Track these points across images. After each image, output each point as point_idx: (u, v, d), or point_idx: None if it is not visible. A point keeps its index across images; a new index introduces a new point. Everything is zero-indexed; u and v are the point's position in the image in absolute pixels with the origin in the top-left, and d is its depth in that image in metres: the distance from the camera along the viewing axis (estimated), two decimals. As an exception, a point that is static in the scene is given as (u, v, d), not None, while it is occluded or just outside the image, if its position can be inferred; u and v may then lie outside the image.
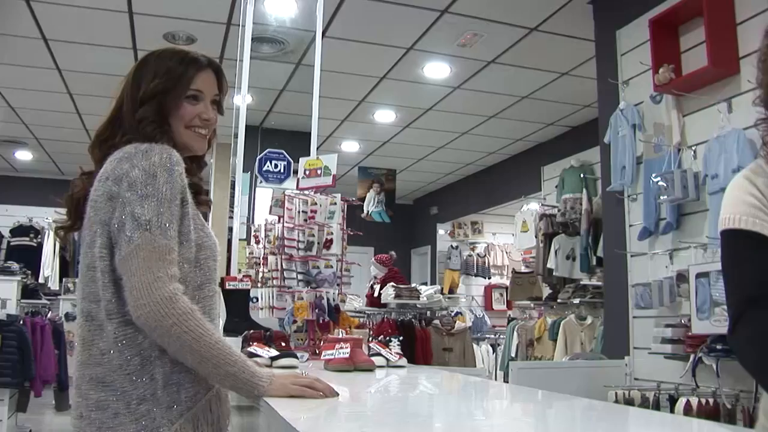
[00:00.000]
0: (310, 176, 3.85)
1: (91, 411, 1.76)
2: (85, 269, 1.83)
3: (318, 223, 3.66)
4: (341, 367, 2.82)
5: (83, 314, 1.83)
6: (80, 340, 1.83)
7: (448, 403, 2.42)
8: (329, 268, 3.57)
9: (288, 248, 3.62)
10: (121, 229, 1.75)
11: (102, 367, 1.77)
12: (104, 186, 1.81)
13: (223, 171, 10.04)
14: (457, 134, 9.58)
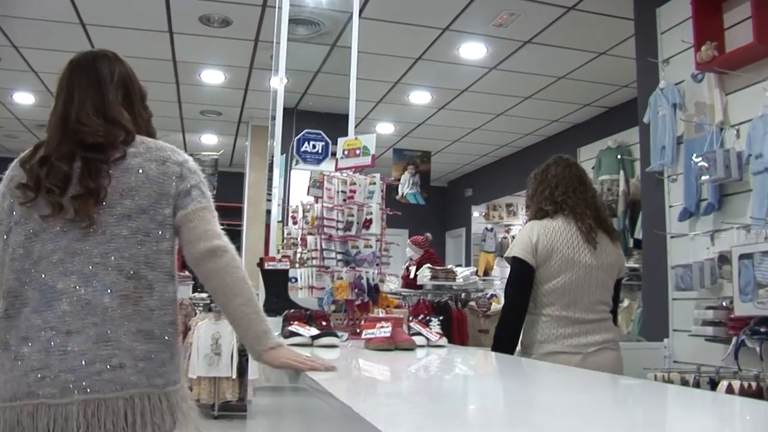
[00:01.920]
0: (349, 156, 3.85)
1: (138, 361, 1.92)
2: (129, 234, 2.00)
3: (357, 202, 3.65)
4: (382, 346, 2.82)
5: (123, 273, 1.96)
6: (118, 299, 1.94)
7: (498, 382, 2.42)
8: (369, 248, 3.57)
9: (327, 228, 3.63)
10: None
11: (151, 320, 1.97)
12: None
13: (258, 153, 10.11)
14: (492, 115, 9.53)
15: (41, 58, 8.12)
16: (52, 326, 1.89)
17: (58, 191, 1.99)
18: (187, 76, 8.47)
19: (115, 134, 2.09)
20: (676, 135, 4.72)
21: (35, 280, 1.95)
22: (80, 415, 1.82)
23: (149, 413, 1.90)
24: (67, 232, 1.98)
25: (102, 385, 1.85)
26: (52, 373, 1.85)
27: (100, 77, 2.20)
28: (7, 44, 7.63)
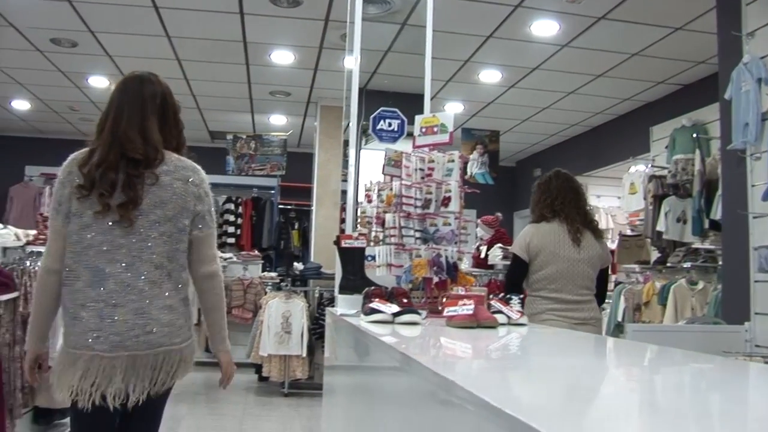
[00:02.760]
0: (427, 134, 3.83)
1: (163, 327, 2.68)
2: (159, 234, 2.70)
3: (435, 180, 3.64)
4: (465, 323, 2.81)
5: (156, 265, 2.70)
6: (149, 285, 2.68)
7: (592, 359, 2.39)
8: (447, 226, 3.56)
9: (405, 206, 3.62)
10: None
11: (173, 298, 2.74)
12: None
13: (327, 134, 10.15)
14: (563, 94, 9.39)
15: (116, 42, 8.27)
16: (103, 299, 2.62)
17: (107, 194, 2.64)
18: (257, 57, 8.53)
19: (150, 154, 2.72)
20: (760, 111, 4.58)
21: (86, 262, 2.65)
22: (123, 364, 2.59)
23: (167, 363, 2.69)
24: (113, 229, 2.65)
25: (139, 345, 2.62)
26: (104, 334, 2.60)
27: (144, 99, 2.80)
28: (83, 29, 7.78)
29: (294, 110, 11.07)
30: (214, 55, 8.53)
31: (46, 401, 5.19)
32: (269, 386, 8.42)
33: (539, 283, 4.18)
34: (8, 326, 4.79)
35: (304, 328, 7.75)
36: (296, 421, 6.86)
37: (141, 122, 2.74)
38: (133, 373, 2.60)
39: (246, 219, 12.40)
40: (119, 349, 2.59)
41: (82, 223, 2.66)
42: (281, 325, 7.71)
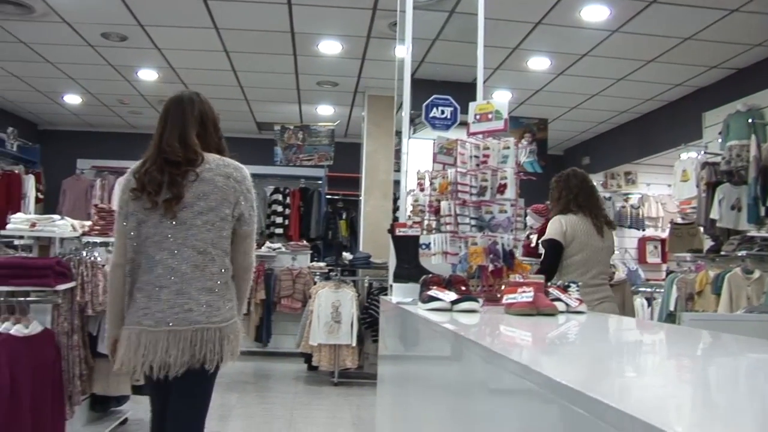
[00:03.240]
0: (481, 121, 3.80)
1: (201, 306, 3.04)
2: (202, 224, 3.10)
3: (491, 167, 3.61)
4: (524, 311, 2.78)
5: (197, 251, 3.09)
6: (191, 269, 3.08)
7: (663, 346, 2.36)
8: (503, 213, 3.52)
9: (461, 193, 3.60)
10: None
11: (214, 281, 3.11)
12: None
13: (375, 123, 10.14)
14: (612, 80, 9.26)
15: (165, 35, 8.35)
16: (152, 283, 3.07)
17: (154, 193, 3.11)
18: (304, 47, 8.54)
19: (189, 156, 3.14)
20: (821, 94, 4.46)
21: (143, 252, 3.13)
22: (165, 338, 2.98)
23: (206, 340, 3.01)
24: (162, 222, 3.10)
25: (179, 322, 3.01)
26: (150, 312, 3.04)
27: (184, 114, 3.25)
28: (133, 23, 7.87)
29: (341, 100, 11.07)
30: (262, 46, 8.56)
31: (102, 389, 5.28)
32: (319, 376, 8.47)
33: (569, 268, 4.65)
34: (66, 315, 4.87)
35: (353, 318, 7.78)
36: (346, 410, 6.89)
37: (180, 132, 3.20)
38: (174, 346, 2.98)
39: (294, 209, 12.47)
40: (162, 324, 3.01)
41: (138, 219, 3.15)
42: (331, 314, 7.74)
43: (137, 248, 3.15)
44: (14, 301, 4.73)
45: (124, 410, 5.96)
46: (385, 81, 9.61)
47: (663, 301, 7.92)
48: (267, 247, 9.72)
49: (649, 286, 9.18)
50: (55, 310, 4.87)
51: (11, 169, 11.79)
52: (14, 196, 11.66)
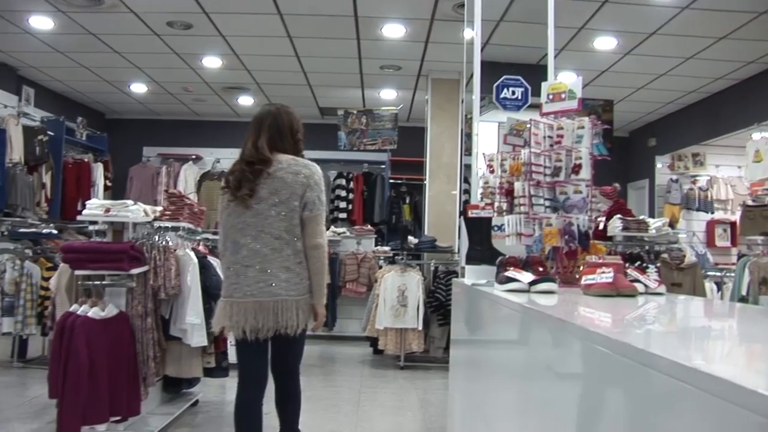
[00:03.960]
0: (554, 100, 3.74)
1: (281, 282, 3.70)
2: (276, 213, 3.73)
3: (565, 147, 3.55)
4: (604, 291, 2.73)
5: (274, 236, 3.72)
6: (270, 251, 3.72)
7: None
8: (578, 194, 3.47)
9: (535, 174, 3.55)
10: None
11: (290, 261, 3.74)
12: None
13: (439, 107, 10.10)
14: (681, 59, 9.04)
15: (229, 22, 8.42)
16: (239, 263, 3.75)
17: (234, 189, 3.79)
18: (368, 31, 8.53)
19: (262, 158, 3.78)
20: None
21: (230, 238, 3.82)
22: (252, 308, 3.67)
23: (285, 309, 3.69)
24: (243, 213, 3.77)
25: (263, 294, 3.68)
26: (240, 287, 3.73)
27: (260, 124, 3.91)
28: (198, 11, 7.95)
29: (404, 84, 11.03)
30: (325, 31, 8.58)
31: (174, 371, 5.35)
32: (384, 359, 8.49)
33: None
34: (140, 298, 4.96)
35: (419, 302, 7.76)
36: (413, 393, 6.89)
37: (254, 140, 3.86)
38: (261, 314, 3.66)
39: (357, 194, 12.50)
40: (249, 297, 3.69)
41: (227, 212, 3.85)
42: (397, 298, 7.74)
43: (226, 234, 3.86)
44: (90, 284, 4.84)
45: (195, 392, 6.05)
46: (449, 64, 9.57)
47: (734, 286, 7.72)
48: (331, 231, 9.75)
49: (719, 270, 8.97)
50: (129, 294, 4.96)
51: (81, 158, 12.06)
52: (84, 184, 11.92)
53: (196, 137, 13.73)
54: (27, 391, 6.49)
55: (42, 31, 8.94)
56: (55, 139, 11.09)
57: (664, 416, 1.31)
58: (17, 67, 10.77)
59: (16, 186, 9.97)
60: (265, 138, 3.84)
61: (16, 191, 9.98)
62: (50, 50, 9.76)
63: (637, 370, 1.40)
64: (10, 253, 7.59)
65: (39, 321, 7.20)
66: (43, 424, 5.33)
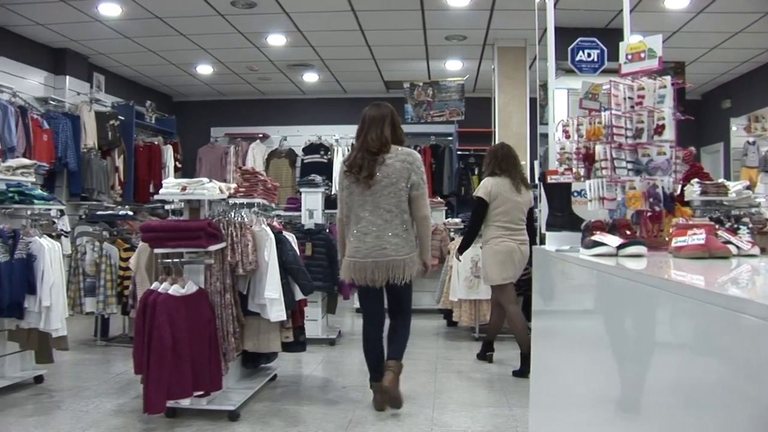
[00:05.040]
0: (633, 60, 3.63)
1: (392, 246, 4.85)
2: (388, 193, 4.86)
3: (647, 108, 3.44)
4: (695, 254, 2.64)
5: (386, 210, 4.86)
6: (383, 222, 4.87)
7: None
8: (662, 155, 3.36)
9: (616, 137, 3.45)
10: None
11: (398, 229, 4.87)
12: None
13: (506, 75, 9.97)
14: (758, 15, 8.69)
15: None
16: (360, 231, 4.92)
17: (357, 172, 4.92)
18: (432, 1, 8.42)
19: (381, 148, 4.93)
20: None
21: (353, 212, 4.99)
22: (370, 266, 4.87)
23: (395, 266, 4.87)
24: (363, 192, 4.91)
25: (378, 256, 4.86)
26: (360, 250, 4.92)
27: (382, 116, 5.04)
28: (262, -12, 7.98)
29: (470, 54, 10.89)
30: (390, 3, 8.50)
31: (253, 346, 5.41)
32: (458, 331, 8.47)
33: (495, 217, 6.29)
34: (218, 275, 5.02)
35: (494, 272, 7.69)
36: (488, 364, 6.85)
37: (377, 131, 4.97)
38: (376, 271, 4.90)
39: (426, 166, 12.45)
40: (368, 258, 4.91)
41: (349, 191, 5.02)
42: (471, 269, 7.69)
43: (348, 209, 5.04)
44: (170, 262, 4.91)
45: (273, 367, 6.11)
46: (515, 32, 9.42)
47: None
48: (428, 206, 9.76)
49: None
50: (207, 270, 5.03)
51: (151, 141, 12.29)
52: (155, 166, 12.16)
53: (263, 116, 13.84)
54: (111, 368, 6.66)
55: (110, 18, 9.09)
56: (125, 123, 11.34)
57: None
58: (88, 54, 10.99)
59: (91, 171, 10.20)
60: (382, 132, 4.95)
61: (92, 176, 10.22)
62: (119, 36, 9.92)
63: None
64: (89, 235, 7.77)
65: (119, 300, 7.36)
66: (129, 399, 5.46)
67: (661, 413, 1.92)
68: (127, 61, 11.48)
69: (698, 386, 1.68)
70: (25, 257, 5.41)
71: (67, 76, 10.59)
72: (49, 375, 6.05)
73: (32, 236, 5.54)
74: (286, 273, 5.37)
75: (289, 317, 5.42)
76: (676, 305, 1.85)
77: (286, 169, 12.96)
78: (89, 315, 7.57)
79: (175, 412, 4.90)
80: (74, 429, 4.73)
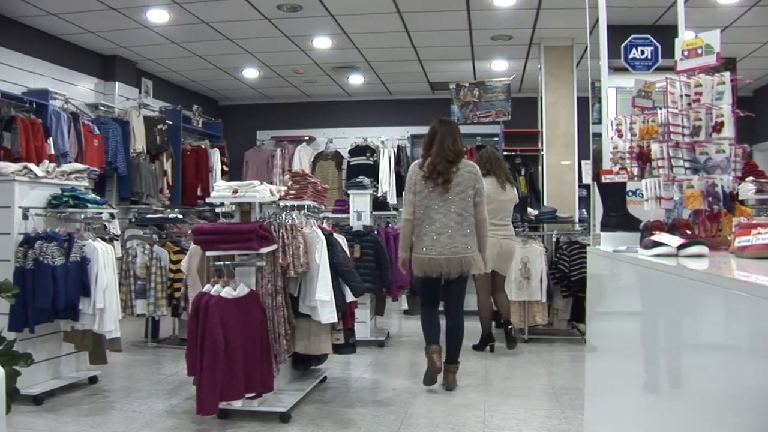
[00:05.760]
0: (690, 57, 3.57)
1: (462, 245, 5.68)
2: (458, 199, 5.69)
3: (705, 105, 3.38)
4: (760, 253, 2.58)
5: (457, 213, 5.68)
6: (455, 224, 5.68)
7: None
8: (721, 153, 3.29)
9: (673, 135, 3.39)
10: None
11: (467, 230, 5.72)
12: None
13: (553, 75, 9.88)
14: (814, 9, 8.51)
15: (338, 2, 8.42)
16: (434, 231, 5.68)
17: (435, 178, 5.66)
18: (478, 0, 8.37)
19: (456, 157, 5.72)
20: None
21: (426, 214, 5.71)
22: (445, 262, 5.65)
23: (463, 262, 5.68)
24: (438, 196, 5.68)
25: (449, 253, 5.65)
26: (434, 247, 5.68)
27: (451, 131, 5.81)
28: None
29: (515, 54, 10.78)
30: (435, 4, 8.47)
31: (304, 348, 5.43)
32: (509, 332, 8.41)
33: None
34: (269, 277, 5.04)
35: (543, 273, 7.64)
36: (540, 366, 6.81)
37: (452, 142, 5.75)
38: (449, 266, 5.65)
39: (471, 167, 12.43)
40: (441, 255, 5.66)
41: (424, 194, 5.73)
42: (520, 270, 7.65)
43: (421, 211, 5.74)
44: (221, 265, 4.95)
45: (323, 369, 6.13)
46: (561, 30, 9.33)
47: None
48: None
49: None
50: (258, 273, 5.05)
51: (198, 145, 12.41)
52: (202, 170, 12.27)
53: (308, 119, 13.89)
54: (162, 369, 6.74)
55: (158, 24, 9.19)
56: (173, 127, 11.46)
57: None
58: (136, 60, 11.13)
59: (140, 175, 10.33)
60: (455, 143, 5.74)
61: (141, 180, 10.34)
62: (166, 42, 10.03)
63: None
64: (139, 238, 7.87)
65: (169, 302, 7.46)
66: (181, 400, 5.52)
67: (731, 421, 1.87)
68: (174, 66, 11.60)
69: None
70: (80, 260, 5.49)
71: (117, 82, 10.74)
72: (103, 376, 6.15)
73: (86, 239, 5.63)
74: (336, 275, 5.37)
75: (340, 319, 5.43)
76: (746, 306, 1.81)
77: (332, 171, 12.99)
78: (140, 317, 7.68)
79: (227, 413, 4.94)
80: (128, 429, 4.80)
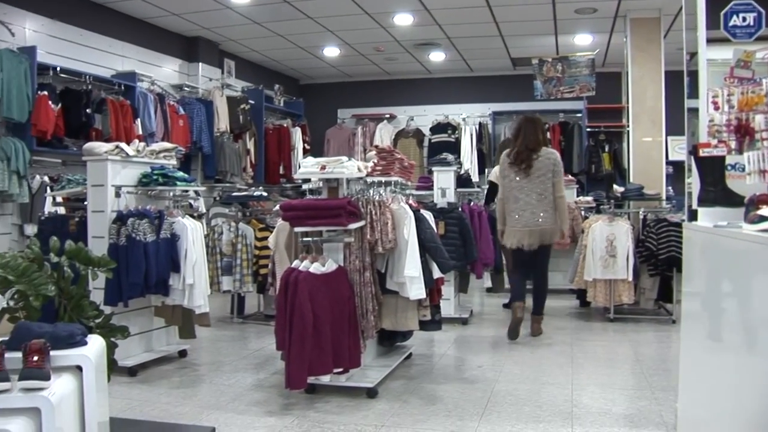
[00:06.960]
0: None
1: (543, 218, 6.80)
2: (539, 181, 6.79)
3: (813, 74, 3.24)
4: None
5: (537, 193, 6.80)
6: (536, 201, 6.79)
7: None
8: (831, 123, 3.16)
9: (779, 105, 3.26)
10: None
11: (546, 207, 6.81)
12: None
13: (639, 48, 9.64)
14: None
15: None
16: (519, 209, 6.84)
17: (519, 163, 6.85)
18: (562, -27, 8.23)
19: (537, 146, 6.88)
20: None
21: (511, 194, 6.91)
22: (527, 233, 6.80)
23: (546, 233, 6.82)
24: (522, 179, 6.84)
25: (534, 225, 6.79)
26: (519, 221, 6.85)
27: (533, 126, 7.00)
28: (390, -32, 7.97)
29: (600, 27, 10.53)
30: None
31: (391, 324, 5.43)
32: (591, 311, 8.33)
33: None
34: (357, 253, 5.06)
35: (629, 251, 7.48)
36: (626, 345, 6.70)
37: (533, 134, 6.89)
38: (532, 237, 6.75)
39: (554, 144, 12.16)
40: (525, 227, 6.74)
41: (510, 177, 6.88)
42: (606, 248, 7.52)
43: (508, 192, 6.89)
44: (310, 241, 4.99)
45: (409, 345, 6.14)
46: (648, 2, 9.09)
47: None
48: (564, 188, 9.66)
49: None
50: (346, 249, 5.08)
51: (280, 124, 12.57)
52: (285, 148, 12.43)
53: (389, 96, 13.90)
54: (249, 344, 6.88)
55: (240, 5, 9.31)
56: (255, 107, 11.64)
57: None
58: (219, 41, 11.31)
59: (224, 154, 10.52)
60: (536, 135, 6.88)
61: (225, 159, 10.53)
62: (248, 22, 10.15)
63: None
64: (224, 216, 8.01)
65: (254, 279, 7.57)
66: (267, 374, 5.61)
67: None
68: (255, 46, 11.73)
69: None
70: (170, 237, 5.62)
71: (200, 63, 10.94)
72: (192, 350, 6.30)
73: (176, 216, 5.75)
74: (424, 251, 5.36)
75: (427, 295, 5.42)
76: None
77: (413, 148, 12.98)
78: (226, 293, 7.83)
79: (315, 388, 5.01)
80: (219, 401, 4.91)
